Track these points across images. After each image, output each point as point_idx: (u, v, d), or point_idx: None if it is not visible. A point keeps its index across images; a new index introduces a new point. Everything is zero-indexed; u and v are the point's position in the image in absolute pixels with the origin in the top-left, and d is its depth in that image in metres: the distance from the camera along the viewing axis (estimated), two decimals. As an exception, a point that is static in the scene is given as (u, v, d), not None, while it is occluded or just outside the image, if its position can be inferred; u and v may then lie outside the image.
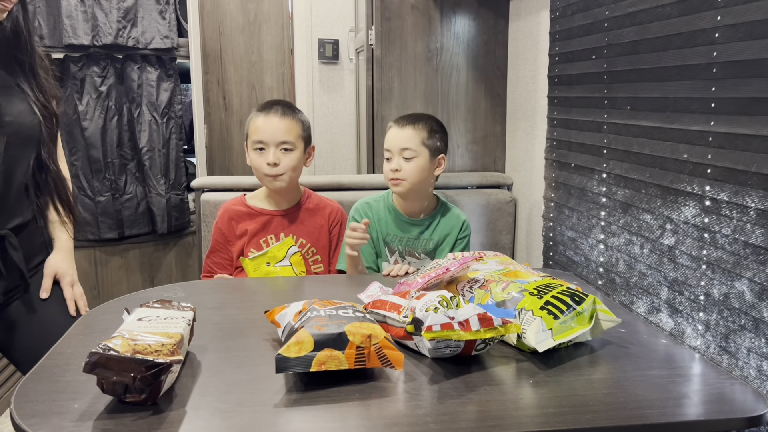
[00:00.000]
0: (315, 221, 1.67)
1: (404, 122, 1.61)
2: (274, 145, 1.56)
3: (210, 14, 3.00)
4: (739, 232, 1.04)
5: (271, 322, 1.02)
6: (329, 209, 1.70)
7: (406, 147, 1.58)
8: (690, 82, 1.17)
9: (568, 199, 1.68)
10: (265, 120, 1.57)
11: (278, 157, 1.56)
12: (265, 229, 1.63)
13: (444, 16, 2.10)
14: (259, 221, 1.63)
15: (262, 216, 1.63)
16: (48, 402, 0.80)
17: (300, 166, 1.61)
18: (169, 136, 2.70)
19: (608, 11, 1.45)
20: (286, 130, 1.57)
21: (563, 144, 1.72)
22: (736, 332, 1.06)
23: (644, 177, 1.32)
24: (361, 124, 2.64)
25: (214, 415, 0.78)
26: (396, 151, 1.59)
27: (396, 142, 1.59)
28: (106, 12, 2.51)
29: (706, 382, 0.91)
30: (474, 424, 0.77)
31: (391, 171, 1.59)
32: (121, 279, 2.77)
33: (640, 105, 1.34)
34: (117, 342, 0.78)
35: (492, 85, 2.15)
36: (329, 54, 2.91)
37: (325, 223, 1.68)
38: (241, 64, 3.08)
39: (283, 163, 1.57)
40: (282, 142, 1.56)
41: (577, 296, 1.00)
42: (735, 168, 1.05)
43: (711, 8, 1.11)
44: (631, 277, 1.38)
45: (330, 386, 0.85)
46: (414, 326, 0.91)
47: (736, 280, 1.05)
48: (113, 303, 1.21)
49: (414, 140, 1.58)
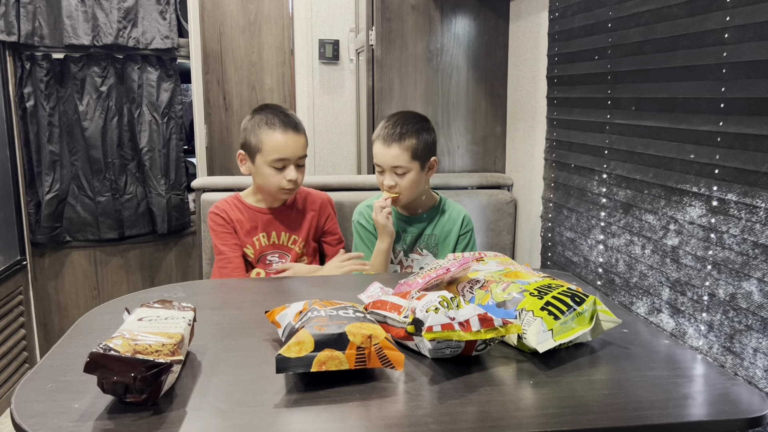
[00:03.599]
0: (306, 216, 1.70)
1: (389, 139, 1.55)
2: (294, 161, 1.57)
3: (210, 14, 3.00)
4: (748, 233, 1.04)
5: (271, 322, 1.02)
6: (320, 201, 1.73)
7: (397, 165, 1.55)
8: (699, 82, 1.17)
9: (568, 199, 1.68)
10: (284, 137, 1.56)
11: (297, 173, 1.58)
12: (261, 227, 1.64)
13: (444, 16, 2.10)
14: (254, 219, 1.64)
15: (257, 214, 1.64)
16: (48, 402, 0.80)
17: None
18: (170, 136, 2.70)
19: (612, 12, 1.45)
20: (303, 144, 1.60)
21: (563, 144, 1.72)
22: (742, 332, 1.06)
23: (647, 177, 1.32)
24: (362, 125, 2.64)
25: (215, 415, 0.78)
26: (387, 168, 1.57)
27: (385, 160, 1.56)
28: (106, 12, 2.52)
29: (707, 382, 0.91)
30: (474, 424, 0.77)
31: (387, 187, 1.58)
32: (121, 279, 2.77)
33: (645, 105, 1.34)
34: (117, 342, 0.78)
35: (492, 85, 2.15)
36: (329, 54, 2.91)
37: (316, 215, 1.71)
38: (242, 64, 3.08)
39: (300, 177, 1.60)
40: (301, 157, 1.59)
41: (578, 297, 1.00)
42: (745, 168, 1.05)
43: (720, 9, 1.11)
44: (631, 277, 1.38)
45: (330, 387, 0.85)
46: (414, 327, 0.91)
47: (744, 280, 1.05)
48: (113, 303, 1.21)
49: (403, 158, 1.54)
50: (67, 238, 2.66)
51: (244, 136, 1.61)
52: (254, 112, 1.61)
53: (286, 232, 1.65)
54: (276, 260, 1.65)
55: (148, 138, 2.65)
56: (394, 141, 1.54)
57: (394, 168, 1.55)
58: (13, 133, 2.47)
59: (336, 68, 2.95)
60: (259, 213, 1.65)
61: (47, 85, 2.51)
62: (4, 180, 2.39)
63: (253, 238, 1.63)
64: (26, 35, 2.44)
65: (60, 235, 2.63)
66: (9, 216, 2.43)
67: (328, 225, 1.74)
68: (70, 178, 2.62)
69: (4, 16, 2.39)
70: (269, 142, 1.55)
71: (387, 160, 1.56)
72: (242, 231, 1.63)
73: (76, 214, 2.64)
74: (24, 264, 2.53)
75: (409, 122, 1.57)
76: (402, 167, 1.55)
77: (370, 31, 2.15)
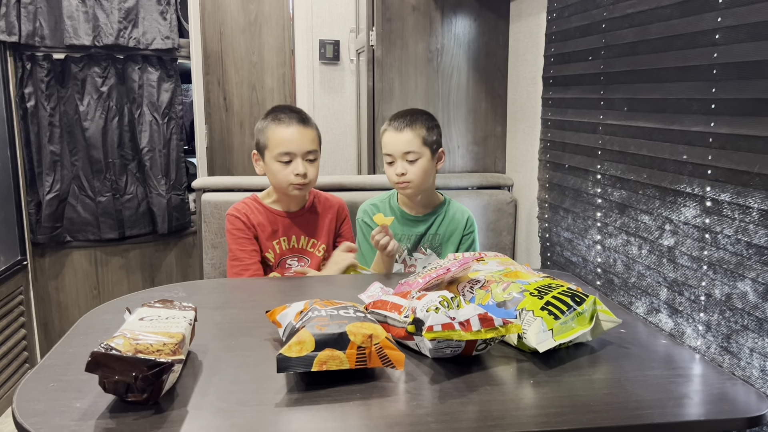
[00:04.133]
0: (325, 220, 1.68)
1: (401, 125, 1.58)
2: (301, 155, 1.55)
3: (211, 15, 3.00)
4: (742, 233, 1.04)
5: (272, 322, 1.02)
6: (337, 206, 1.72)
7: (409, 150, 1.57)
8: (690, 83, 1.17)
9: (563, 200, 1.68)
10: (288, 130, 1.55)
11: (306, 167, 1.56)
12: (281, 231, 1.63)
13: (445, 16, 2.10)
14: (274, 222, 1.63)
15: (277, 217, 1.63)
16: (50, 401, 0.80)
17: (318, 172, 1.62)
18: (170, 136, 2.70)
19: (606, 12, 1.45)
20: (310, 139, 1.57)
21: (557, 145, 1.72)
22: (739, 332, 1.06)
23: (641, 178, 1.32)
24: (362, 125, 2.64)
25: (216, 414, 0.78)
26: (398, 155, 1.58)
27: (397, 147, 1.58)
28: (107, 12, 2.52)
29: (706, 382, 0.91)
30: (475, 424, 0.77)
31: (397, 175, 1.58)
32: (121, 279, 2.78)
33: (638, 106, 1.34)
34: (119, 341, 0.79)
35: (492, 86, 2.15)
36: (330, 55, 2.91)
37: (334, 219, 1.70)
38: (242, 64, 3.08)
39: (310, 173, 1.57)
40: (308, 152, 1.57)
41: (578, 297, 1.00)
42: (737, 169, 1.05)
43: (712, 9, 1.11)
44: (630, 277, 1.38)
45: (331, 386, 0.85)
46: (415, 326, 0.91)
47: (738, 280, 1.05)
48: (114, 303, 1.21)
49: (415, 142, 1.57)
50: (67, 238, 2.66)
51: (257, 136, 1.61)
52: (266, 113, 1.62)
53: (306, 236, 1.64)
54: (295, 264, 1.64)
55: (148, 138, 2.66)
56: (406, 126, 1.58)
57: (405, 154, 1.57)
58: (13, 133, 2.47)
59: (336, 68, 2.95)
60: (279, 216, 1.63)
61: (48, 85, 2.52)
62: (4, 180, 2.39)
63: (273, 242, 1.62)
64: (27, 35, 2.45)
65: (60, 235, 2.64)
66: (9, 216, 2.43)
67: (344, 228, 1.72)
68: (71, 178, 2.62)
69: (5, 17, 2.40)
70: (274, 137, 1.56)
71: (399, 146, 1.57)
72: (264, 235, 1.61)
73: (77, 214, 2.64)
74: (24, 264, 2.53)
75: (418, 113, 1.63)
76: (414, 152, 1.56)
77: (371, 32, 2.15)
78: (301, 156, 1.55)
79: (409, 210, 1.68)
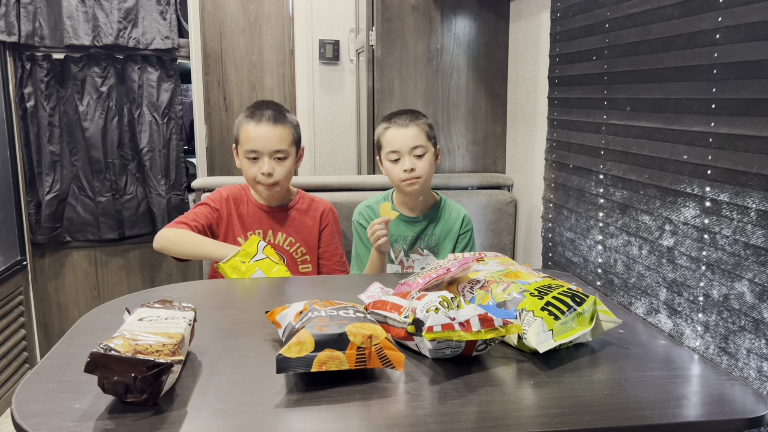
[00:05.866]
0: (305, 222, 1.67)
1: (405, 121, 1.59)
2: (267, 154, 1.53)
3: (211, 15, 3.00)
4: (740, 233, 1.04)
5: (271, 322, 1.02)
6: (321, 210, 1.70)
7: (417, 144, 1.56)
8: (691, 83, 1.17)
9: (567, 200, 1.68)
10: (257, 128, 1.53)
11: (272, 167, 1.53)
12: (257, 223, 1.63)
13: (444, 17, 2.10)
14: (253, 213, 1.64)
15: (257, 209, 1.64)
16: (49, 402, 0.80)
17: (292, 171, 1.60)
18: (170, 136, 2.70)
19: (609, 12, 1.45)
20: (279, 138, 1.54)
21: (562, 145, 1.72)
22: (736, 333, 1.06)
23: (642, 178, 1.32)
24: (362, 125, 2.64)
25: (215, 415, 0.78)
26: (406, 151, 1.57)
27: (404, 142, 1.57)
28: (106, 12, 2.52)
29: (706, 383, 0.91)
30: (475, 424, 0.77)
31: (405, 172, 1.57)
32: (121, 279, 2.77)
33: (640, 106, 1.34)
34: (118, 342, 0.78)
35: (492, 86, 2.15)
36: (330, 55, 2.91)
37: (316, 224, 1.68)
38: (242, 64, 3.08)
39: (277, 172, 1.55)
40: (276, 151, 1.54)
41: (578, 297, 1.00)
42: (735, 169, 1.05)
43: (712, 9, 1.11)
44: (630, 278, 1.38)
45: (331, 387, 0.85)
46: (415, 327, 0.91)
47: (736, 281, 1.05)
48: (114, 303, 1.21)
49: (421, 136, 1.58)
50: (67, 239, 2.66)
51: (234, 129, 1.63)
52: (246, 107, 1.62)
53: (283, 234, 1.65)
54: None
55: (148, 138, 2.66)
56: (410, 121, 1.58)
57: (413, 149, 1.57)
58: (13, 133, 2.47)
59: (336, 68, 2.95)
60: (258, 209, 1.65)
61: (47, 85, 2.52)
62: (4, 180, 2.39)
63: (248, 233, 1.62)
64: (27, 35, 2.45)
65: (60, 236, 2.64)
66: (9, 216, 2.43)
67: (325, 234, 1.69)
68: (71, 179, 2.62)
69: (5, 17, 2.39)
70: (245, 133, 1.56)
71: (407, 141, 1.57)
72: (240, 223, 1.62)
73: (77, 214, 2.64)
74: (24, 264, 2.53)
75: (415, 111, 1.65)
76: (421, 146, 1.57)
77: (371, 32, 2.15)
78: (268, 155, 1.53)
79: (406, 211, 1.68)
